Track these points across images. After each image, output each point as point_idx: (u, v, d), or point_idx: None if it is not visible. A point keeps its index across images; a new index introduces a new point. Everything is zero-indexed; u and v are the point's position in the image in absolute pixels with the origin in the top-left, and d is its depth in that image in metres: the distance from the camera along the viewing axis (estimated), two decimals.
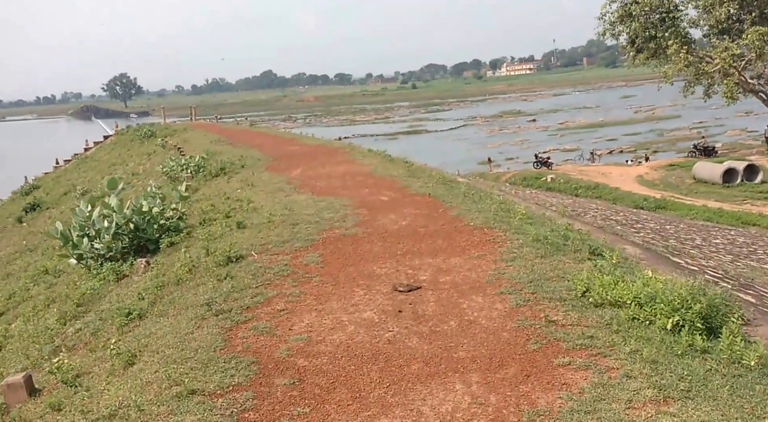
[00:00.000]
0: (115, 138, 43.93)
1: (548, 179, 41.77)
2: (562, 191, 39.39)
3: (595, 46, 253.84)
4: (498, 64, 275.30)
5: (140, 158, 30.81)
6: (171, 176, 17.73)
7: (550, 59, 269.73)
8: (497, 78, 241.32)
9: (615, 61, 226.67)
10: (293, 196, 12.38)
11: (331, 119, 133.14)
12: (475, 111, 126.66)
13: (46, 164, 48.02)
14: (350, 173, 15.23)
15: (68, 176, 37.88)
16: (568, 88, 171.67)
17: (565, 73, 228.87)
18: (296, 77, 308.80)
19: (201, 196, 14.23)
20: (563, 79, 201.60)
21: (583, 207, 27.77)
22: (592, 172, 45.14)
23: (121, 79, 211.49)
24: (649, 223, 24.43)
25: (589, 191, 38.80)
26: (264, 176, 15.59)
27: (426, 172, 14.41)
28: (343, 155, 18.54)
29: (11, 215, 32.46)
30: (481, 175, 49.24)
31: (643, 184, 40.98)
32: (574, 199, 33.80)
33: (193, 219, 11.88)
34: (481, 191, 11.88)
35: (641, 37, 37.59)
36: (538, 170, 46.22)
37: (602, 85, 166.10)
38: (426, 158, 67.53)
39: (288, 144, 23.48)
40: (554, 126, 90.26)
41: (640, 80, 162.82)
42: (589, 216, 22.93)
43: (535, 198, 30.11)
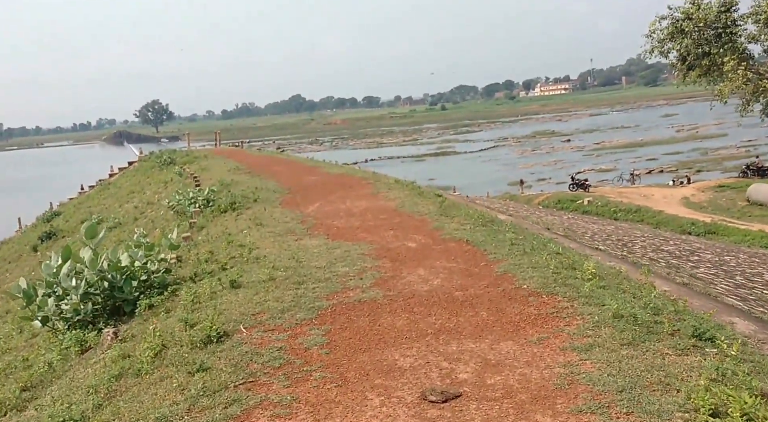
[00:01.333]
0: (138, 164, 42.76)
1: (585, 202, 39.39)
2: (600, 214, 37.05)
3: (634, 65, 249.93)
4: (531, 84, 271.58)
5: (157, 186, 29.35)
6: (178, 211, 16.03)
7: (586, 79, 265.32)
8: (530, 99, 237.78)
9: (656, 80, 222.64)
10: (304, 240, 10.52)
11: (358, 142, 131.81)
12: (507, 132, 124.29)
13: (73, 189, 47.12)
14: (373, 209, 13.36)
15: (89, 203, 36.70)
16: (605, 107, 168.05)
17: (602, 93, 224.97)
18: (324, 101, 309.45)
19: (203, 237, 12.42)
20: (600, 99, 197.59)
21: (627, 234, 25.50)
22: (632, 194, 42.71)
23: (153, 105, 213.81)
24: (704, 253, 22.09)
25: (629, 214, 36.41)
26: (276, 212, 13.77)
27: (461, 209, 12.46)
28: (366, 187, 16.68)
29: (29, 243, 31.33)
30: (512, 197, 46.97)
31: (690, 206, 38.42)
32: (614, 224, 31.52)
33: (186, 269, 10.05)
34: (534, 237, 9.88)
35: (693, 53, 35.74)
36: (574, 193, 43.87)
37: (642, 105, 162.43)
38: (454, 179, 66.23)
39: (308, 173, 21.72)
40: (590, 146, 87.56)
41: (681, 99, 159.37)
42: (637, 247, 20.74)
43: (573, 224, 27.90)
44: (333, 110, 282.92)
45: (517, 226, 11.02)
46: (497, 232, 10.07)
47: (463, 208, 12.69)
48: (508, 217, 12.72)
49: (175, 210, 16.03)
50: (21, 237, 35.75)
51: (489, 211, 13.21)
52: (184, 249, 11.58)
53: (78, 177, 53.89)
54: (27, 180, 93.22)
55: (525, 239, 9.62)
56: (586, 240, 20.29)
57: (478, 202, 33.43)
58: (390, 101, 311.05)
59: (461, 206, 13.09)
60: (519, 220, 13.64)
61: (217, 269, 9.27)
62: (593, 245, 17.62)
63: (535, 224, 15.28)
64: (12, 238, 38.17)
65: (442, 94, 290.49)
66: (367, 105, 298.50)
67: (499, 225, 10.87)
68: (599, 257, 10.36)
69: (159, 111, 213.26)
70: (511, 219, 12.48)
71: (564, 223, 27.47)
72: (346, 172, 21.02)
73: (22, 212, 43.14)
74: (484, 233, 10.04)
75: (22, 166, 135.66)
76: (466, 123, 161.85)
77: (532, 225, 14.70)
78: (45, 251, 27.89)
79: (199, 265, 9.84)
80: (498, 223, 11.04)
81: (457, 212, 12.01)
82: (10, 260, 30.53)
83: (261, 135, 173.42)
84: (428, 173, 72.96)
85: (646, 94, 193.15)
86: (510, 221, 11.85)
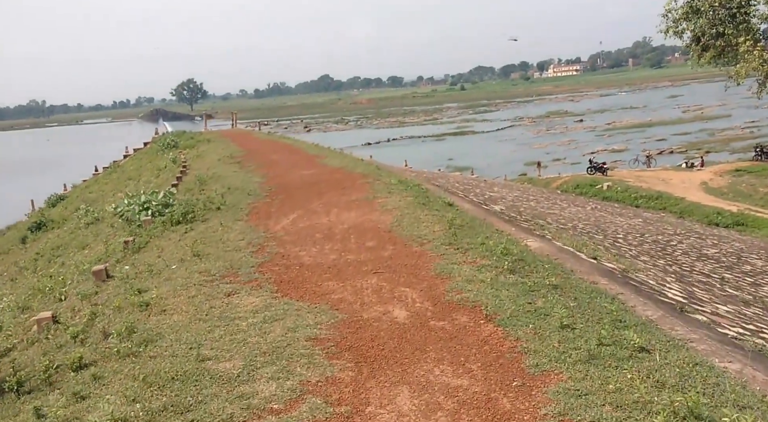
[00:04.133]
0: (149, 146, 38.71)
1: (604, 187, 35.02)
2: (621, 200, 32.76)
3: (640, 48, 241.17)
4: (545, 65, 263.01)
5: (152, 173, 25.31)
6: (127, 219, 11.96)
7: (596, 61, 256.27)
8: (544, 79, 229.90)
9: (660, 62, 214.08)
10: (239, 297, 6.31)
11: (382, 121, 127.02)
12: (522, 112, 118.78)
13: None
14: (361, 227, 9.14)
15: (94, 188, 32.75)
16: (614, 88, 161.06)
17: (611, 74, 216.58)
18: (351, 81, 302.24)
19: (119, 278, 8.19)
20: (609, 80, 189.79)
21: (659, 231, 21.08)
22: (650, 178, 38.11)
23: (188, 84, 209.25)
24: (753, 258, 17.67)
25: (651, 201, 32.08)
26: (235, 230, 9.58)
27: (478, 233, 8.17)
28: (363, 189, 12.36)
29: (20, 234, 27.49)
30: (530, 180, 42.56)
31: (710, 193, 33.84)
32: (640, 215, 27.05)
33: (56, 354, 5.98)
34: (589, 298, 5.50)
35: (708, 34, 31.35)
36: (593, 176, 39.37)
37: (648, 86, 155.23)
38: (472, 159, 61.61)
39: (304, 165, 17.46)
40: (602, 126, 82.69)
41: (686, 80, 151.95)
42: (679, 253, 16.37)
43: (599, 218, 23.52)
44: (359, 89, 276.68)
45: (558, 267, 6.75)
46: (534, 291, 5.76)
47: (480, 230, 8.41)
48: (540, 242, 8.34)
49: (125, 218, 11.95)
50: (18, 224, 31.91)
51: (514, 232, 8.88)
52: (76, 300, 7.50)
53: (107, 156, 49.84)
54: (58, 158, 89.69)
55: (579, 307, 5.36)
56: (621, 242, 15.92)
57: (496, 190, 28.99)
58: (413, 81, 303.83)
59: (477, 226, 8.80)
60: (551, 241, 9.34)
61: (68, 365, 5.15)
62: (631, 252, 13.27)
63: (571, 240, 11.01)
64: (17, 224, 34.15)
65: (461, 74, 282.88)
66: (391, 85, 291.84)
67: (533, 267, 6.60)
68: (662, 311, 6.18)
69: (194, 90, 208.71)
70: (544, 246, 8.14)
71: (589, 216, 23.07)
72: (346, 165, 16.66)
73: (43, 192, 39.09)
74: (514, 293, 5.75)
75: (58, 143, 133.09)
76: (484, 103, 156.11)
77: (571, 237, 10.41)
78: (33, 243, 24.12)
79: (51, 358, 5.69)
80: (531, 263, 6.77)
81: (472, 239, 7.73)
82: (4, 251, 26.84)
83: (290, 114, 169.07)
84: (448, 153, 68.50)
85: (651, 75, 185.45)
86: (545, 253, 7.56)
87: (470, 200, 12.85)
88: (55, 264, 15.71)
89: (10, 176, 74.74)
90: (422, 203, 10.38)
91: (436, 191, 12.78)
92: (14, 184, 63.41)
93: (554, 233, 10.19)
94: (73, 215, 24.49)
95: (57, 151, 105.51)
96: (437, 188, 13.51)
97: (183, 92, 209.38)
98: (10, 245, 26.05)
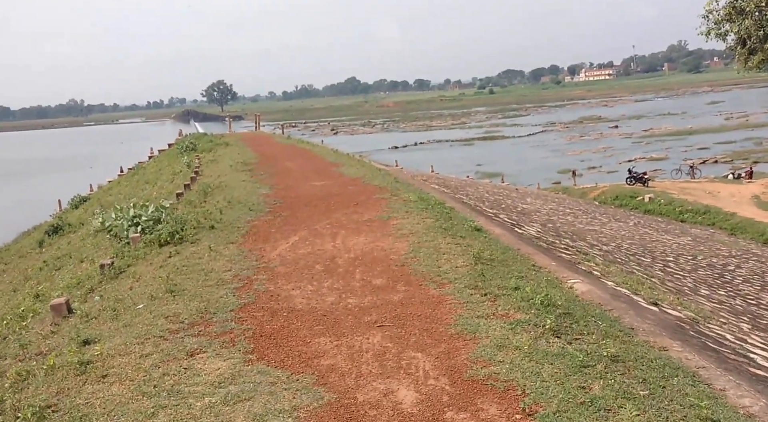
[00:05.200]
0: (171, 148, 37.76)
1: (646, 199, 33.01)
2: (664, 214, 30.73)
3: (675, 52, 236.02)
4: (576, 69, 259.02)
5: (168, 177, 24.29)
6: (115, 234, 10.74)
7: (629, 65, 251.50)
8: (576, 83, 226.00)
9: (698, 67, 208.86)
10: (204, 361, 4.89)
11: (408, 124, 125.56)
12: (554, 116, 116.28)
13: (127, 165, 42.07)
14: (371, 256, 7.76)
15: (114, 190, 31.91)
16: (650, 93, 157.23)
17: (646, 79, 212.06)
18: (378, 83, 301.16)
19: (81, 315, 6.88)
20: (644, 85, 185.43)
21: (713, 252, 19.32)
22: (695, 190, 35.97)
23: (218, 85, 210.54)
24: None
25: (698, 216, 29.94)
26: (224, 255, 8.25)
27: (515, 269, 6.72)
28: (378, 206, 10.97)
29: (37, 238, 26.65)
30: (565, 189, 40.67)
31: (763, 207, 31.65)
32: (688, 232, 25.17)
33: None
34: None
35: (755, 36, 29.13)
36: (632, 187, 37.36)
37: (686, 91, 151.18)
38: (502, 166, 59.79)
39: (319, 174, 16.13)
40: (638, 133, 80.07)
41: (727, 85, 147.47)
42: (739, 280, 14.73)
43: (644, 235, 21.82)
44: (386, 92, 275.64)
45: (615, 324, 5.24)
46: (587, 367, 4.17)
47: (514, 267, 6.94)
48: (588, 282, 6.82)
49: (113, 233, 10.73)
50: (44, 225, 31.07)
51: (555, 268, 7.39)
52: None
53: (137, 155, 48.95)
54: (91, 156, 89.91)
55: (651, 398, 3.84)
56: (672, 267, 14.28)
57: (529, 201, 27.35)
58: (440, 84, 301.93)
59: (510, 260, 7.32)
60: (600, 280, 7.84)
61: None
62: (687, 282, 11.65)
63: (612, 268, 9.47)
64: (43, 224, 33.24)
65: (490, 78, 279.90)
66: (418, 88, 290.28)
67: (583, 326, 5.10)
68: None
69: (224, 91, 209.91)
70: (593, 289, 6.65)
71: (633, 233, 21.36)
72: (364, 175, 15.27)
73: (71, 191, 38.09)
74: (561, 370, 4.25)
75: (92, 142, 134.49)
76: (513, 107, 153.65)
77: (621, 271, 8.88)
78: (48, 247, 23.29)
79: None
80: (580, 319, 5.27)
81: (504, 280, 6.26)
82: (21, 255, 26.05)
83: (318, 116, 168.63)
84: (476, 158, 66.78)
85: (690, 80, 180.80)
86: (596, 300, 6.07)
87: (501, 221, 11.35)
88: (48, 279, 14.64)
89: (61, 171, 74.75)
90: (444, 228, 8.93)
91: (462, 209, 11.30)
92: (58, 180, 62.87)
93: (602, 267, 8.65)
94: (88, 220, 23.63)
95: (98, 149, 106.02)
96: (463, 205, 12.03)
97: (213, 93, 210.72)
98: (29, 248, 25.23)
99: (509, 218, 12.90)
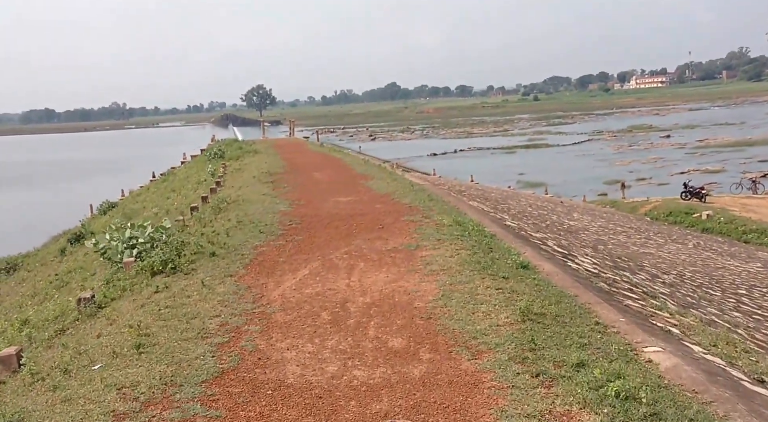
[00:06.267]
0: (202, 155, 36.97)
1: (703, 216, 30.72)
2: (725, 233, 28.40)
3: (735, 59, 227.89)
4: (626, 76, 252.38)
5: (192, 186, 23.36)
6: (109, 257, 9.58)
7: (684, 72, 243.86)
8: (625, 91, 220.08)
9: (760, 75, 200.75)
10: None
11: (449, 131, 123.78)
12: (602, 125, 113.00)
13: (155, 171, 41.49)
14: (389, 303, 6.30)
15: (141, 197, 31.19)
16: (705, 102, 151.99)
17: (701, 87, 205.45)
18: (418, 89, 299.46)
19: (32, 369, 5.66)
20: (700, 93, 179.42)
21: None
22: (759, 207, 33.57)
23: (257, 90, 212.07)
24: None
25: (764, 237, 27.59)
26: (216, 295, 6.91)
27: (573, 331, 5.21)
28: (405, 232, 9.50)
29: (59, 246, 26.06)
30: (613, 203, 38.53)
31: None
32: (755, 256, 23.01)
33: None
34: None
35: None
36: (688, 203, 35.05)
37: (745, 100, 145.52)
38: (546, 175, 57.60)
39: (346, 189, 14.77)
40: (692, 144, 76.63)
41: None
42: None
43: (706, 260, 19.92)
44: (426, 98, 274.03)
45: None
46: None
47: (572, 326, 5.41)
48: (670, 352, 5.22)
49: (106, 256, 9.56)
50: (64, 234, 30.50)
51: (624, 326, 5.82)
52: None
53: (174, 158, 48.35)
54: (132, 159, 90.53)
55: None
56: (747, 304, 12.48)
57: (576, 217, 25.52)
58: (482, 91, 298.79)
59: (566, 314, 5.77)
60: (685, 347, 6.26)
61: None
62: None
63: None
64: (68, 231, 32.66)
65: (534, 84, 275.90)
66: (459, 94, 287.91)
67: None
68: None
69: (263, 96, 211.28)
70: (679, 363, 5.09)
71: (694, 258, 19.44)
72: (394, 191, 13.83)
73: (107, 195, 37.46)
74: None
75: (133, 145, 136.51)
76: (558, 115, 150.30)
77: (705, 329, 7.28)
78: (68, 256, 22.60)
79: None
80: None
81: (561, 350, 4.75)
82: (43, 263, 25.47)
83: (356, 122, 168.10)
84: (518, 167, 64.80)
85: (750, 89, 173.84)
86: (686, 383, 4.54)
87: (550, 250, 9.77)
88: (48, 298, 13.64)
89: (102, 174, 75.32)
90: (483, 263, 7.44)
91: (504, 236, 9.76)
92: (98, 183, 63.00)
93: (679, 318, 7.02)
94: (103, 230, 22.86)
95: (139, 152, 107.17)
96: (505, 230, 10.48)
97: (252, 98, 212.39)
98: (51, 256, 24.64)
99: (559, 246, 11.31)
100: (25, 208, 57.61)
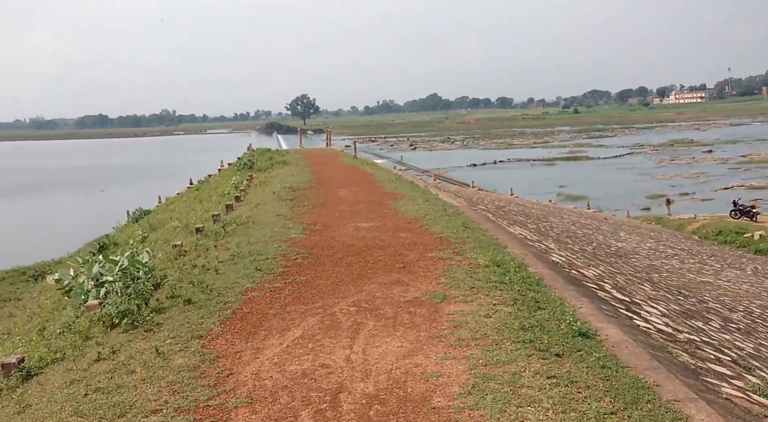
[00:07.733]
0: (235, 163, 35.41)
1: (756, 237, 27.99)
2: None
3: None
4: (666, 91, 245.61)
5: (217, 198, 21.69)
6: (72, 295, 7.77)
7: (724, 88, 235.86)
8: (665, 106, 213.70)
9: None
10: None
11: (489, 142, 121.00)
12: (642, 139, 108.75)
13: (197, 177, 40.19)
14: (398, 395, 4.27)
15: (172, 206, 29.76)
16: (746, 117, 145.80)
17: (741, 103, 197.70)
18: (459, 100, 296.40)
19: None
20: (740, 109, 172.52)
21: None
22: None
23: (301, 99, 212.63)
24: None
25: None
26: (168, 371, 4.96)
27: None
28: (430, 276, 7.40)
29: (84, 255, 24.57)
30: (659, 219, 35.73)
31: None
32: None
33: None
34: None
35: None
36: (738, 221, 32.14)
37: None
38: (587, 188, 54.69)
39: (370, 211, 12.71)
40: (735, 158, 72.79)
41: None
42: None
43: None
44: (467, 109, 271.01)
45: None
46: None
47: None
48: None
49: (71, 294, 7.76)
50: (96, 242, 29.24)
51: None
52: None
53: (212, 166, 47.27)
54: (178, 165, 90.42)
55: None
56: None
57: (623, 237, 23.04)
58: (523, 103, 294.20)
59: None
60: None
61: None
62: None
63: None
64: (99, 239, 31.39)
65: (574, 97, 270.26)
66: (500, 106, 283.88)
67: None
68: None
69: (307, 105, 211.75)
70: None
71: (758, 288, 16.86)
72: (424, 215, 11.72)
73: (145, 201, 36.26)
74: None
75: (181, 151, 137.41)
76: (599, 128, 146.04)
77: None
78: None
79: None
80: None
81: None
82: None
83: (398, 131, 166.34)
84: (558, 179, 62.13)
85: None
86: None
87: (610, 298, 7.55)
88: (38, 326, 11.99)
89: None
90: (529, 330, 5.34)
91: (553, 279, 7.60)
92: (143, 188, 62.52)
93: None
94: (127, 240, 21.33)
95: (187, 158, 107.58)
96: (553, 271, 8.29)
97: (297, 107, 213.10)
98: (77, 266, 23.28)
99: (616, 288, 9.05)
100: (75, 211, 57.50)
